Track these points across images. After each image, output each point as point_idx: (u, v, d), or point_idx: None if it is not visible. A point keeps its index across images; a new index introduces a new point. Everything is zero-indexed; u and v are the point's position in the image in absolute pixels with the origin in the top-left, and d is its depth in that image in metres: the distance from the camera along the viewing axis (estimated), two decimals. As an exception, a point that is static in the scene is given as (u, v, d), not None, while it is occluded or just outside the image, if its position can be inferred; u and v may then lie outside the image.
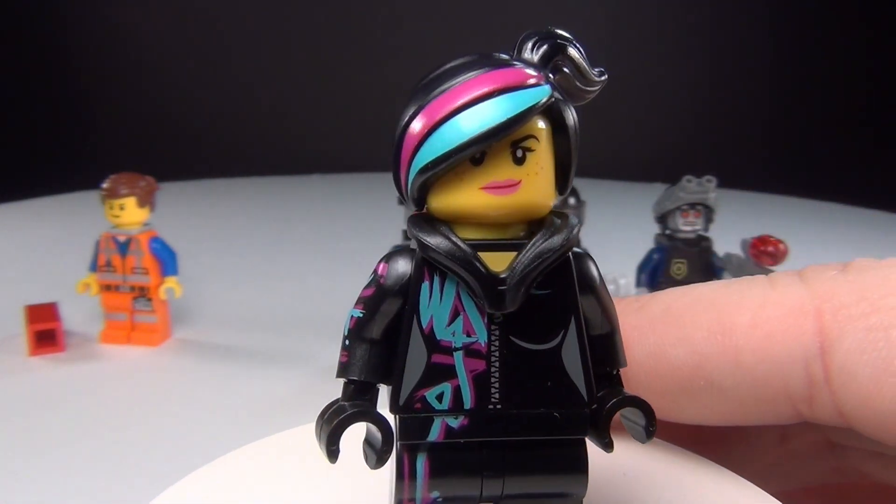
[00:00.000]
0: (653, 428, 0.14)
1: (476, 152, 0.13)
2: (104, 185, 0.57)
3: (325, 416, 0.14)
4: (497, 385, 0.14)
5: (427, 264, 0.14)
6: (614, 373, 0.15)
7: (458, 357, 0.14)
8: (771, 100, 1.77)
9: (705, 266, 0.60)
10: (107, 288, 0.58)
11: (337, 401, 0.14)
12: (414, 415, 0.14)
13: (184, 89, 1.75)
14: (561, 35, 0.14)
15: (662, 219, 0.61)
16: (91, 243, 0.59)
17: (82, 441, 0.44)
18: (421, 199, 0.14)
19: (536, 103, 0.13)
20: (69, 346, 0.57)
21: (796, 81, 1.75)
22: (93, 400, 0.49)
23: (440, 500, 0.14)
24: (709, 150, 1.50)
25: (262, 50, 1.77)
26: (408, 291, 0.14)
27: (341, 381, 0.15)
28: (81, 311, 0.62)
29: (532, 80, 0.13)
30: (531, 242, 0.14)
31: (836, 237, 1.02)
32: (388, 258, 0.14)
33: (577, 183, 0.63)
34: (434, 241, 0.13)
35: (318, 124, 1.72)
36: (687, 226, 0.59)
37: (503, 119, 0.13)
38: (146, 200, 0.58)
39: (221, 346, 0.59)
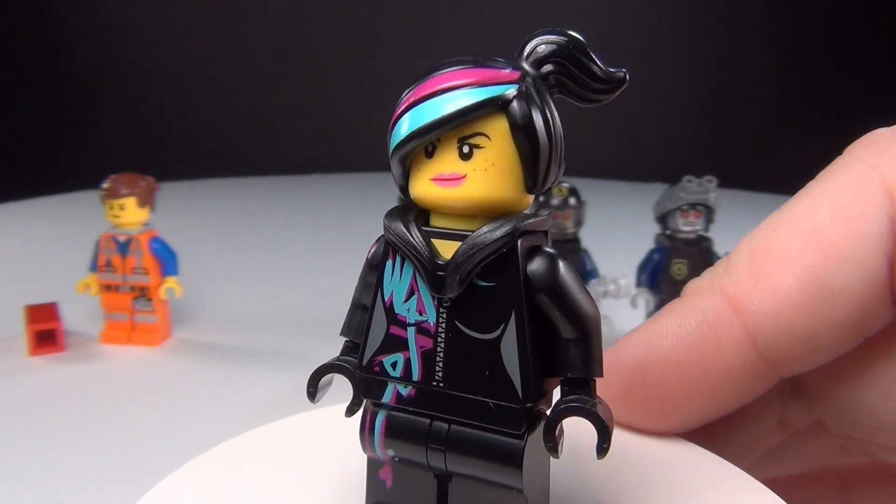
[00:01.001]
0: (606, 445, 0.14)
1: (422, 144, 0.14)
2: (104, 185, 0.57)
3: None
4: (441, 365, 0.15)
5: (391, 245, 0.15)
6: (589, 380, 0.15)
7: (411, 332, 0.15)
8: (771, 100, 1.77)
9: (706, 266, 0.59)
10: (107, 288, 0.58)
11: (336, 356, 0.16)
12: (372, 376, 0.15)
13: (183, 89, 1.75)
14: (566, 37, 0.14)
15: (663, 219, 0.61)
16: (91, 243, 0.59)
17: (82, 441, 0.44)
18: (405, 186, 0.15)
19: (474, 102, 0.14)
20: (69, 346, 0.57)
21: (796, 81, 1.75)
22: (93, 400, 0.49)
23: (396, 459, 0.15)
24: (709, 150, 1.50)
25: (262, 50, 1.77)
26: None
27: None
28: (81, 311, 0.62)
29: (502, 79, 0.14)
30: (471, 234, 0.14)
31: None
32: (378, 238, 0.16)
33: (577, 183, 0.63)
34: (393, 225, 0.15)
35: (318, 124, 1.72)
36: (687, 226, 0.59)
37: (439, 116, 0.14)
38: (146, 200, 0.58)
39: (221, 346, 0.59)
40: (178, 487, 0.18)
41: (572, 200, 0.61)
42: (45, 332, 0.56)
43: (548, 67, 0.14)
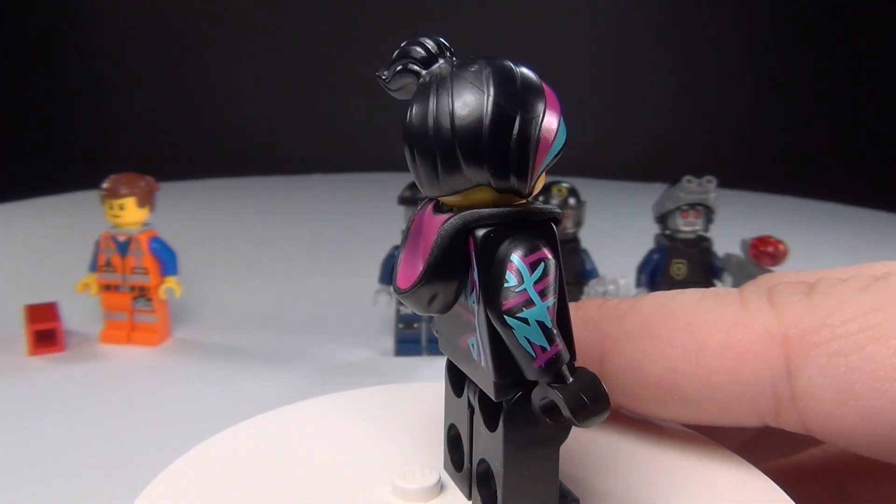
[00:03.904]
0: None
1: None
2: (104, 185, 0.57)
3: (594, 400, 0.14)
4: None
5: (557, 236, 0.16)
6: None
7: None
8: (771, 100, 1.77)
9: (705, 266, 0.60)
10: (107, 288, 0.58)
11: (579, 384, 0.14)
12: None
13: (184, 89, 1.75)
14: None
15: (662, 219, 0.61)
16: (91, 243, 0.59)
17: (82, 441, 0.44)
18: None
19: None
20: (69, 346, 0.57)
21: (796, 81, 1.75)
22: (93, 400, 0.49)
23: None
24: (709, 150, 1.50)
25: (262, 50, 1.77)
26: None
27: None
28: (81, 311, 0.62)
29: None
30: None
31: (836, 237, 1.02)
32: (538, 243, 0.15)
33: (577, 183, 0.63)
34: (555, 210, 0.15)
35: (318, 124, 1.72)
36: (687, 226, 0.59)
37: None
38: (146, 200, 0.58)
39: (221, 346, 0.59)
40: (173, 483, 0.18)
41: (572, 200, 0.61)
42: (45, 331, 0.56)
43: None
